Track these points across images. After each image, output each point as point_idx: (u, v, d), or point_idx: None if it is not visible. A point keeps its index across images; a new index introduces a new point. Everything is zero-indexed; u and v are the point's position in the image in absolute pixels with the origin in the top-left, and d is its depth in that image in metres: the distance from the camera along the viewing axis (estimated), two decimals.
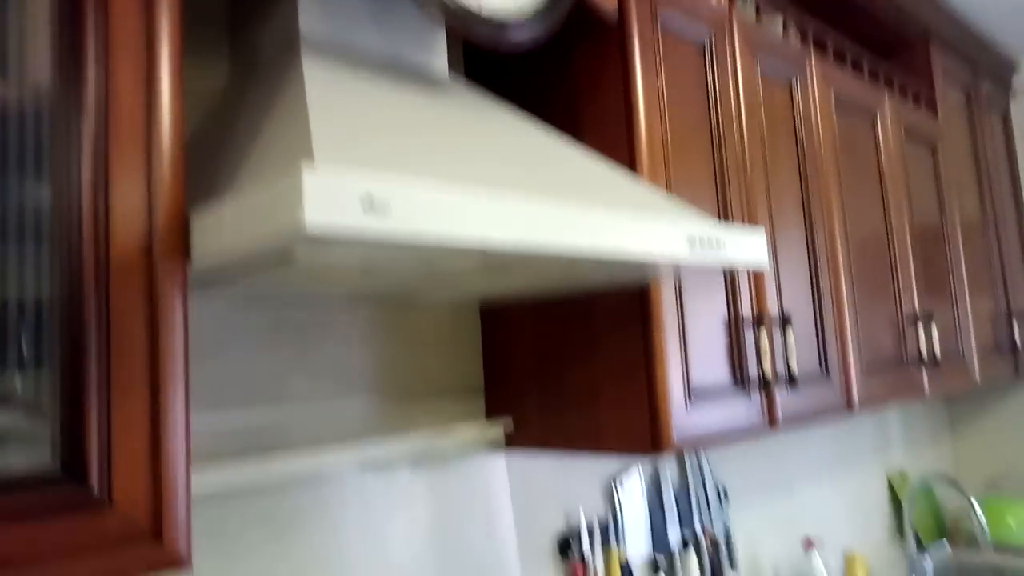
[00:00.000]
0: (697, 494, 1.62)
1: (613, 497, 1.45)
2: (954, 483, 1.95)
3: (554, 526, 1.35)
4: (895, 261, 1.69)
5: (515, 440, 1.21)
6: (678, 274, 0.98)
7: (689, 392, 1.09)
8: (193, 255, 0.62)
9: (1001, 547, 2.24)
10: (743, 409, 1.18)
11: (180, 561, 0.59)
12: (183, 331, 0.60)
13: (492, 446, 1.24)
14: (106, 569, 0.55)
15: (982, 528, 1.88)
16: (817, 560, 1.74)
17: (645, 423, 1.05)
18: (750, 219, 1.27)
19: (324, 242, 0.53)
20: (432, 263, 0.69)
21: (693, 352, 1.12)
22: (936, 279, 1.86)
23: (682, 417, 1.06)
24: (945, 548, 2.29)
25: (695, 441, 1.08)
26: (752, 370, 1.21)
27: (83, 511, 0.54)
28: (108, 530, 0.55)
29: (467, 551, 1.18)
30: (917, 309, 1.73)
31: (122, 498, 0.56)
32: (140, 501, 0.56)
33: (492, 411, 1.24)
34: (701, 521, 1.61)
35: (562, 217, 0.68)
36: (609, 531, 1.42)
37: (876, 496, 2.29)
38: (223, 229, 0.58)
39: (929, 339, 1.73)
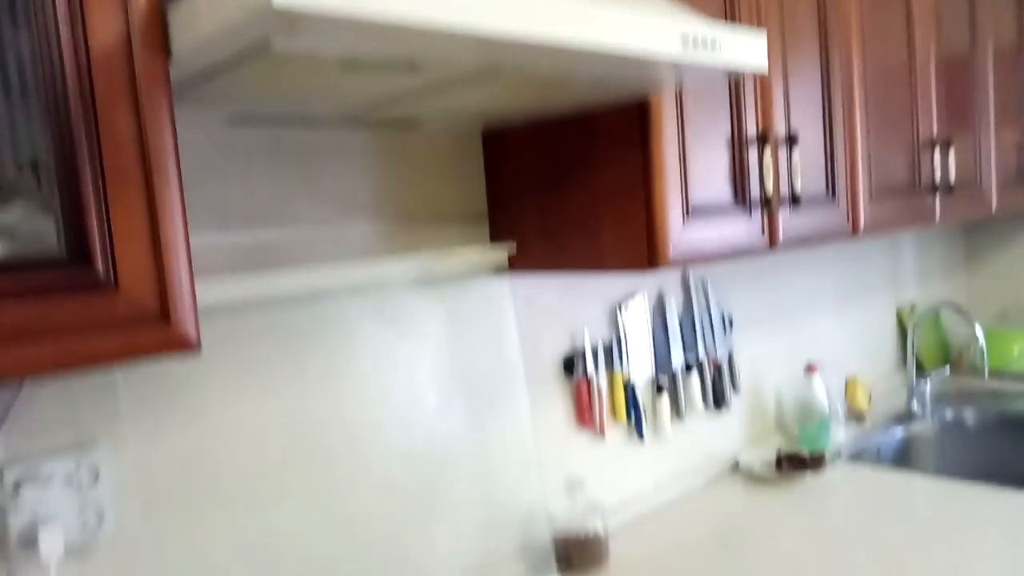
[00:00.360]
0: (701, 320, 1.67)
1: (617, 321, 1.50)
2: (960, 309, 1.98)
3: (559, 347, 1.41)
4: (915, 83, 1.63)
5: (518, 263, 1.24)
6: (679, 82, 0.96)
7: (687, 209, 1.10)
8: (173, 52, 0.62)
9: (1001, 374, 2.30)
10: (742, 228, 1.19)
11: (189, 343, 0.63)
12: (169, 125, 0.61)
13: (496, 270, 1.28)
14: (119, 348, 0.59)
15: (983, 354, 1.93)
16: (818, 383, 1.81)
17: (642, 239, 1.07)
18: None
19: (294, 20, 0.53)
20: (414, 60, 0.69)
21: (693, 169, 1.11)
22: (959, 104, 1.80)
23: (679, 233, 1.08)
24: (945, 374, 2.36)
25: (692, 257, 1.11)
26: (754, 189, 1.21)
27: (91, 293, 0.58)
28: (117, 311, 0.59)
29: (473, 369, 1.25)
30: (935, 134, 1.69)
31: (127, 281, 0.59)
32: (145, 284, 0.60)
33: (496, 236, 1.27)
34: (704, 346, 1.67)
35: (546, 5, 0.66)
36: (613, 353, 1.48)
37: (884, 327, 2.34)
38: (198, 18, 0.58)
39: (945, 165, 1.70)
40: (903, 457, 1.98)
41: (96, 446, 0.86)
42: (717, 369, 1.70)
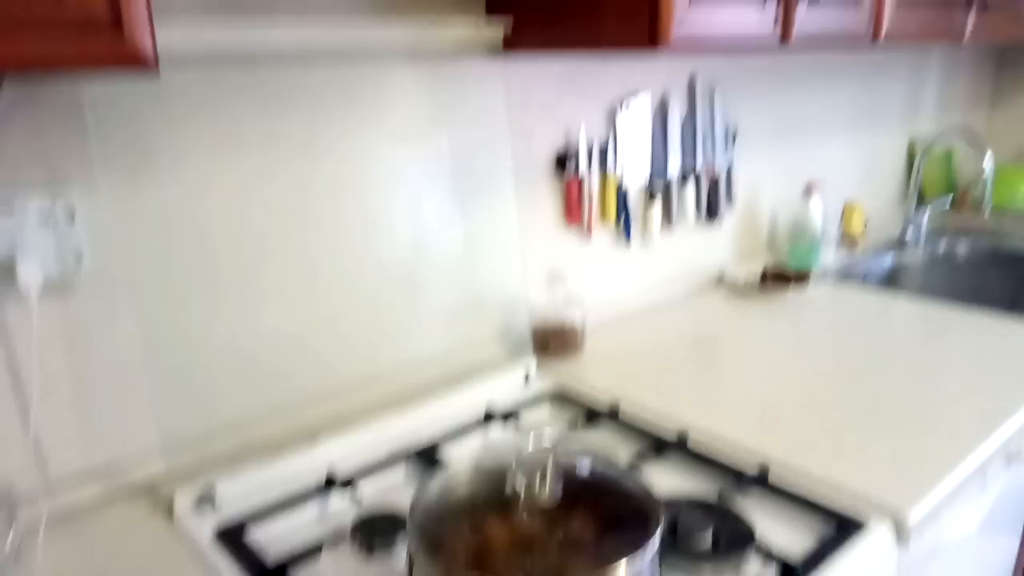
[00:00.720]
0: (704, 129, 1.62)
1: (616, 122, 1.45)
2: (972, 139, 1.91)
3: (552, 143, 1.37)
4: None
5: (514, 43, 1.18)
6: None
7: None
8: None
9: (1003, 212, 2.28)
10: (755, 16, 1.12)
11: (145, 59, 0.60)
12: None
13: (491, 50, 1.21)
14: (69, 53, 0.57)
15: (987, 188, 1.89)
16: (815, 204, 1.78)
17: (644, 14, 1.00)
18: None
19: None
20: None
21: None
22: None
23: (684, 11, 1.01)
24: (945, 206, 2.33)
25: (697, 42, 1.04)
26: None
27: None
28: (65, 13, 0.56)
29: (460, 155, 1.22)
30: None
31: None
32: None
33: (492, 11, 1.19)
34: (704, 156, 1.63)
35: None
36: (608, 154, 1.44)
37: (894, 157, 2.28)
38: None
39: None
40: (889, 282, 2.00)
41: (69, 187, 0.85)
42: (714, 181, 1.67)
